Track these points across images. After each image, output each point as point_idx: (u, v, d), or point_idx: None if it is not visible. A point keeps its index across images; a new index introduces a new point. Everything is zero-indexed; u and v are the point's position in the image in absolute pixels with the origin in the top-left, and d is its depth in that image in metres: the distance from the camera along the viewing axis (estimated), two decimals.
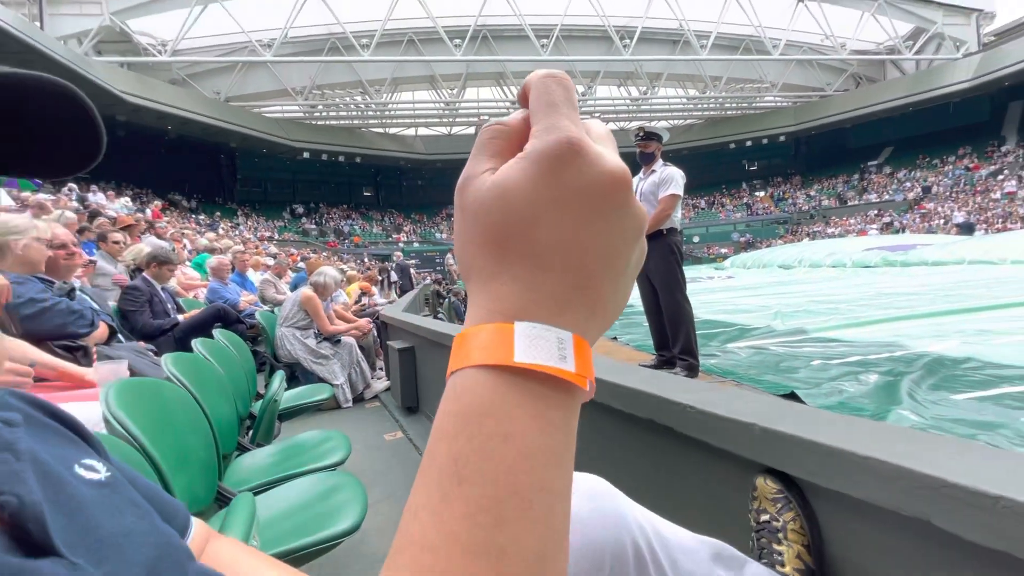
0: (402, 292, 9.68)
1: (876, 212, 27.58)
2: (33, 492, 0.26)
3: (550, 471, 0.22)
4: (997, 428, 2.05)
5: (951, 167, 27.58)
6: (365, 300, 5.89)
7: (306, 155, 29.08)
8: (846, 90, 30.73)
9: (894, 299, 6.62)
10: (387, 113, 30.59)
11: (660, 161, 3.29)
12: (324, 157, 29.97)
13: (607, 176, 0.23)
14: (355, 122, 31.47)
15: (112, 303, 2.98)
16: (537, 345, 0.22)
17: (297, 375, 3.78)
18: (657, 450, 1.04)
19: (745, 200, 35.25)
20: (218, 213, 23.61)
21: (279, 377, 2.08)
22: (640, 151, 3.31)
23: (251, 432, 2.02)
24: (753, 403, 0.86)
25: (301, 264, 8.94)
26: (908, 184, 28.44)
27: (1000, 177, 23.99)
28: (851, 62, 29.08)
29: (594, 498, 0.53)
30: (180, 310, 3.46)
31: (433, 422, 0.23)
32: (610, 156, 0.24)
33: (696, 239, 30.36)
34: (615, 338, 4.90)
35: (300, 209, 31.90)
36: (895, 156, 31.56)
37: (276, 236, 24.47)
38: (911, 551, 0.62)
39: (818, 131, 31.93)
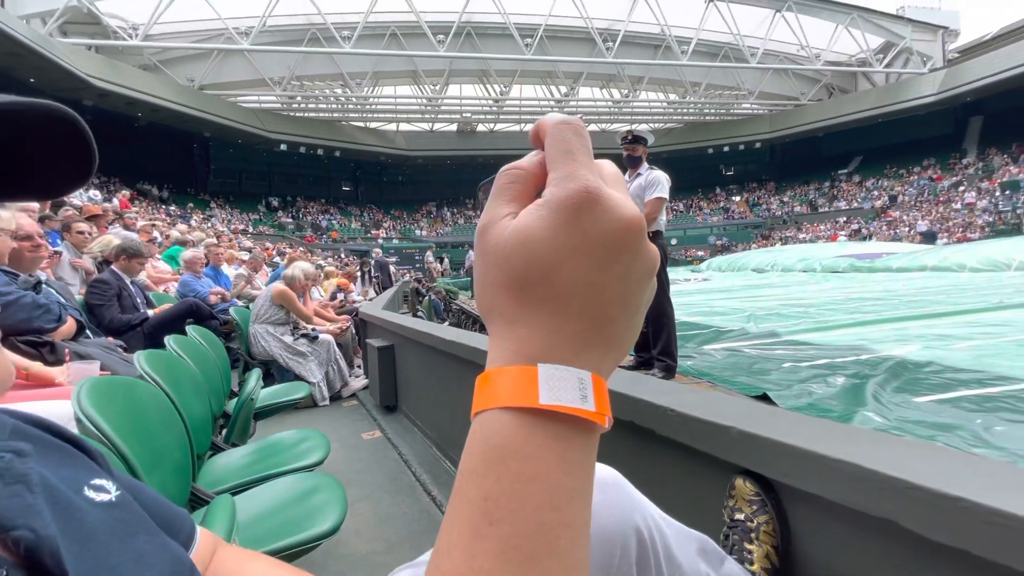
0: (381, 289, 9.58)
1: (845, 219, 28.47)
2: (48, 525, 0.26)
3: (573, 508, 0.23)
4: (954, 430, 2.15)
5: (916, 177, 28.65)
6: (340, 296, 5.81)
7: (283, 147, 28.47)
8: (819, 100, 31.58)
9: (860, 304, 6.86)
10: (368, 107, 30.17)
11: (646, 164, 3.33)
12: (302, 150, 29.39)
13: (623, 223, 0.24)
14: (335, 115, 30.95)
15: (79, 296, 2.87)
16: (560, 386, 0.23)
17: (272, 372, 3.71)
18: (637, 450, 1.06)
19: (722, 204, 35.96)
20: (190, 204, 22.94)
21: (256, 375, 2.04)
22: (627, 154, 3.36)
23: (225, 431, 1.98)
24: (731, 406, 0.89)
25: (277, 259, 8.77)
26: (876, 193, 29.44)
27: (961, 188, 25.06)
28: (825, 73, 29.90)
29: (605, 488, 0.55)
30: (150, 304, 3.36)
31: (460, 461, 0.24)
32: (625, 203, 0.25)
33: (674, 241, 30.79)
34: None
35: (276, 202, 31.23)
36: (864, 165, 32.61)
37: (251, 229, 23.90)
38: (877, 550, 0.65)
39: (792, 139, 32.75)
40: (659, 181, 3.20)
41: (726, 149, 34.57)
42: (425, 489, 2.14)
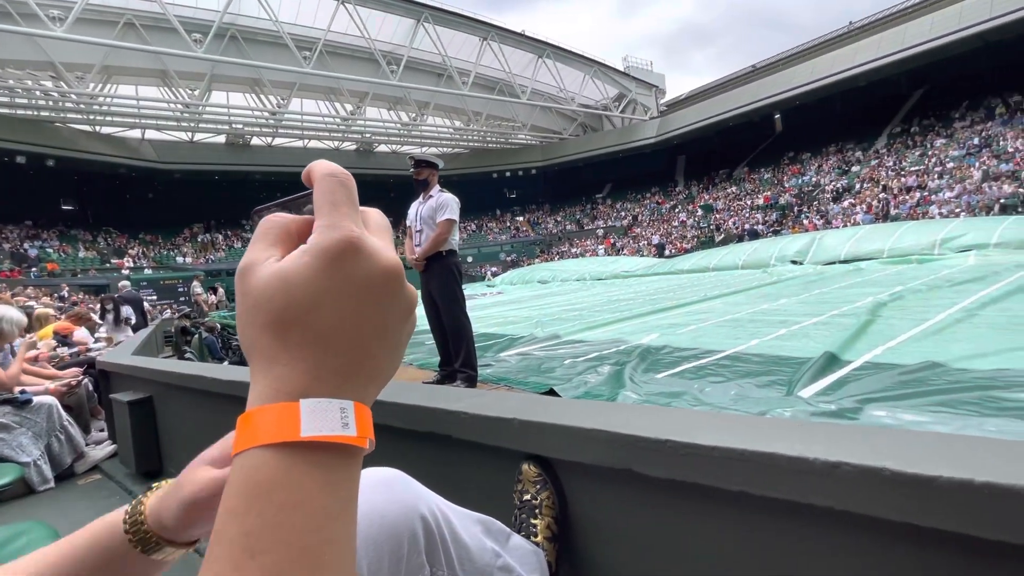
0: (134, 330, 7.74)
1: (603, 234, 34.17)
2: None
3: (336, 525, 0.24)
4: (681, 395, 2.79)
5: (648, 201, 36.09)
6: (42, 346, 4.41)
7: None
8: (577, 135, 37.54)
9: (618, 304, 8.33)
10: (97, 108, 24.35)
11: (437, 187, 3.47)
12: None
13: (381, 270, 0.27)
14: (43, 114, 24.12)
15: None
16: (321, 418, 0.24)
17: None
18: (439, 457, 1.11)
19: (508, 224, 39.50)
20: None
21: None
22: (414, 179, 3.45)
23: None
24: (513, 401, 1.01)
25: None
26: (623, 213, 36.08)
27: (677, 210, 32.51)
28: (579, 113, 35.74)
29: (390, 486, 0.59)
30: None
31: (219, 504, 0.24)
32: (385, 251, 0.27)
33: (470, 259, 32.54)
34: None
35: None
36: (614, 191, 39.72)
37: None
38: (624, 495, 0.83)
39: (559, 167, 38.06)
40: (448, 204, 3.38)
41: (508, 174, 38.26)
42: None
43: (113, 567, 0.38)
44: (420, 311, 3.43)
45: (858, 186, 23.15)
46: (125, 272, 22.79)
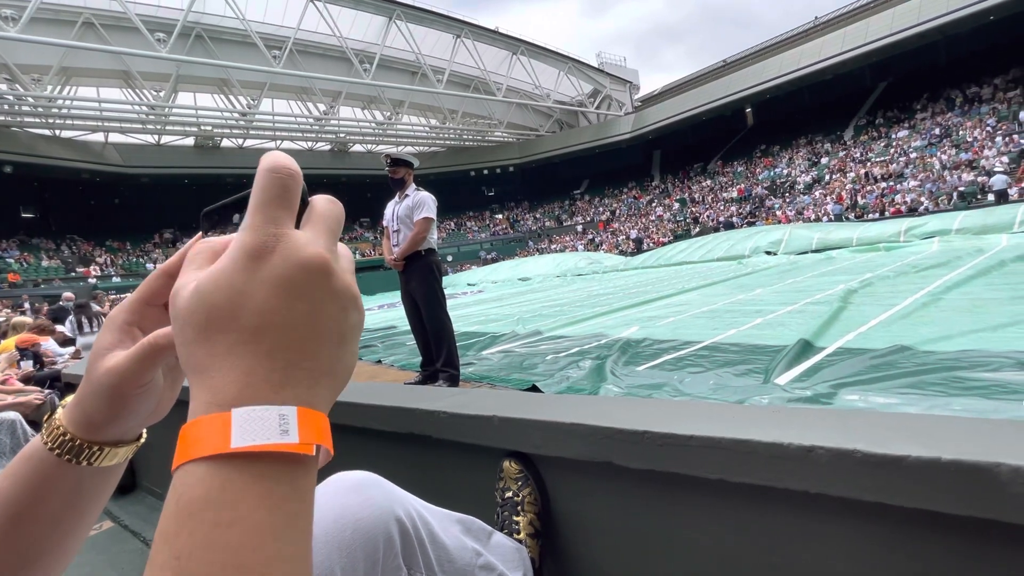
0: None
1: (582, 230, 34.38)
2: None
3: (282, 541, 0.22)
4: (662, 387, 2.81)
5: (625, 196, 36.41)
6: (3, 359, 4.22)
7: None
8: (554, 132, 37.63)
9: (598, 299, 8.38)
10: (56, 111, 23.41)
11: (413, 186, 3.45)
12: None
13: (302, 264, 0.25)
14: None
15: None
16: (255, 426, 0.23)
17: None
18: (419, 458, 1.10)
19: (487, 222, 39.42)
20: None
21: None
22: (391, 178, 3.42)
23: None
24: (492, 399, 1.00)
25: None
26: (601, 209, 36.34)
27: (653, 204, 32.88)
28: (555, 109, 35.83)
29: (362, 489, 0.57)
30: None
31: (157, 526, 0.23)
32: (309, 245, 0.25)
33: (450, 258, 32.37)
34: (379, 361, 4.85)
35: None
36: (591, 187, 39.95)
37: None
38: (605, 488, 0.83)
39: (537, 164, 38.12)
40: (425, 202, 3.35)
41: (486, 172, 38.18)
42: None
43: (60, 491, 0.34)
44: (401, 312, 3.42)
45: (827, 177, 23.76)
46: (92, 281, 22.04)
